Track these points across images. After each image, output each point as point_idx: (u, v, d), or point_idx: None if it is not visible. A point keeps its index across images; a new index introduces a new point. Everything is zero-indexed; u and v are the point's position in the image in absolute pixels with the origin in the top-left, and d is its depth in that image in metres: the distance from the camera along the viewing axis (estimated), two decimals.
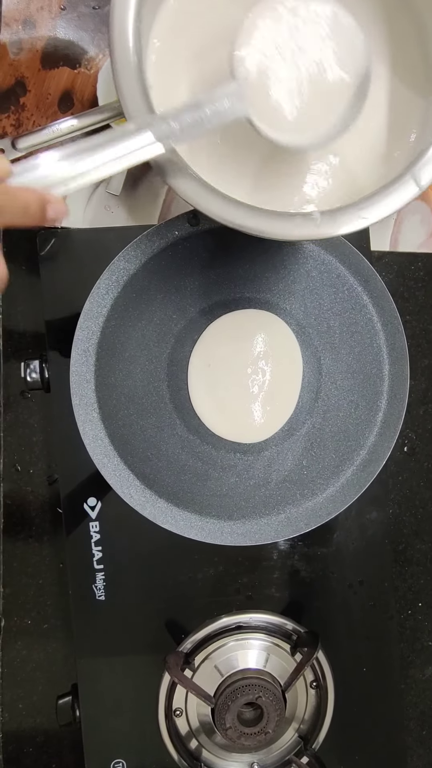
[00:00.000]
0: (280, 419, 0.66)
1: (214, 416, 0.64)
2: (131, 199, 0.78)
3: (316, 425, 0.66)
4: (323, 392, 0.66)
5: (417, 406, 0.80)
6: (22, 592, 0.76)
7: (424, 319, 0.81)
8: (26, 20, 0.78)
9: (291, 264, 0.65)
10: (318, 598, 0.73)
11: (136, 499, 0.62)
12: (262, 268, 0.65)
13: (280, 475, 0.66)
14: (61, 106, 0.78)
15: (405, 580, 0.80)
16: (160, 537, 0.63)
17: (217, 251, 0.64)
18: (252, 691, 0.65)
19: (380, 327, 0.64)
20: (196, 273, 0.64)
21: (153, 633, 0.71)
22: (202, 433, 0.65)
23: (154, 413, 0.64)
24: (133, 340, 0.63)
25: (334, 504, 0.64)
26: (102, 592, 0.69)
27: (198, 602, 0.71)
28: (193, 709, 0.69)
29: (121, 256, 0.61)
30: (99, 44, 0.78)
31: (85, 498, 0.69)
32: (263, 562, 0.72)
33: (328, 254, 0.64)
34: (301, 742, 0.70)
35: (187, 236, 0.63)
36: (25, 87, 0.77)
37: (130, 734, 0.70)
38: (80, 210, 0.77)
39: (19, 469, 0.76)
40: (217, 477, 0.65)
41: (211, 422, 0.64)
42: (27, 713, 0.76)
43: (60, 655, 0.76)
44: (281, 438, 0.66)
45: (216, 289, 0.65)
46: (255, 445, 0.66)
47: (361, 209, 0.52)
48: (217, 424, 0.64)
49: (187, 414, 0.65)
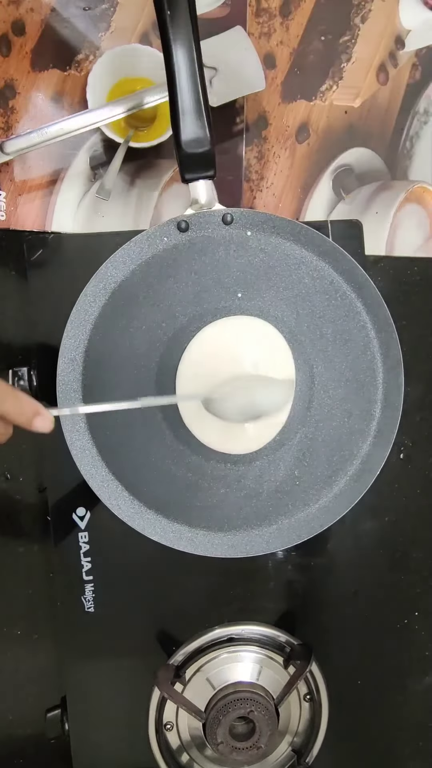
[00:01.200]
0: (271, 429, 0.64)
1: (204, 426, 0.63)
2: (122, 204, 0.77)
3: (308, 435, 0.64)
4: (316, 401, 0.64)
5: (413, 412, 0.79)
6: (12, 602, 0.75)
7: (420, 325, 0.80)
8: (16, 22, 0.77)
9: (283, 270, 0.63)
10: (312, 609, 0.72)
11: (125, 510, 0.61)
12: (252, 274, 0.63)
13: (271, 485, 0.64)
14: (51, 108, 0.77)
15: (401, 589, 0.78)
16: (151, 548, 0.62)
17: (207, 257, 0.63)
18: (244, 705, 0.64)
19: (374, 334, 0.63)
20: (186, 279, 0.63)
21: (143, 645, 0.70)
22: (192, 443, 0.63)
23: (142, 423, 0.63)
24: (121, 348, 0.62)
25: (327, 515, 0.63)
26: (91, 603, 0.68)
27: (189, 614, 0.70)
28: (184, 722, 0.68)
29: (109, 263, 0.60)
30: (89, 46, 0.77)
31: (74, 508, 0.68)
32: (256, 572, 0.71)
33: (321, 260, 0.63)
34: (295, 756, 0.69)
35: (176, 242, 0.61)
36: (15, 89, 0.76)
37: (120, 748, 0.69)
38: (71, 214, 0.76)
39: (8, 477, 0.75)
40: (207, 488, 0.64)
41: (200, 432, 0.63)
42: (17, 725, 0.75)
43: (50, 666, 0.75)
44: (273, 448, 0.64)
45: (206, 296, 0.63)
46: (246, 455, 0.65)
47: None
48: (206, 435, 0.63)
49: (176, 424, 0.63)
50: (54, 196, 0.76)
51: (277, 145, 0.79)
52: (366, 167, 0.81)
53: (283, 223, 0.62)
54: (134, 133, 0.74)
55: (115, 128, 0.73)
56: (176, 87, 0.53)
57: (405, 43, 0.81)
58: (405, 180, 0.81)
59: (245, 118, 0.79)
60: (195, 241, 0.62)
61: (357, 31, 0.80)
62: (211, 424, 0.63)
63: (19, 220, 0.75)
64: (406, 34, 0.81)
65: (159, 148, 0.75)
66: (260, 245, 0.62)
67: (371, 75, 0.81)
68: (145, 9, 0.77)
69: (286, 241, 0.62)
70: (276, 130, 0.79)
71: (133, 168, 0.77)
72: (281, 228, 0.62)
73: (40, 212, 0.76)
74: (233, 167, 0.78)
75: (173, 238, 0.61)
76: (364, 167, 0.81)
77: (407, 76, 0.81)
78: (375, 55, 0.81)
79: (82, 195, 0.77)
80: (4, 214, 0.75)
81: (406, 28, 0.81)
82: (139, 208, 0.78)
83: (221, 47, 0.72)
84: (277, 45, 0.79)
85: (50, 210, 0.76)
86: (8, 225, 0.75)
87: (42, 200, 0.76)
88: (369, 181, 0.81)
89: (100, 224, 0.77)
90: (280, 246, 0.63)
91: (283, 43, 0.79)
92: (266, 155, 0.79)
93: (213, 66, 0.72)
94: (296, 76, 0.79)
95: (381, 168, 0.81)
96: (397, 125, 0.81)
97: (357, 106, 0.80)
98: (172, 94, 0.54)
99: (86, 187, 0.77)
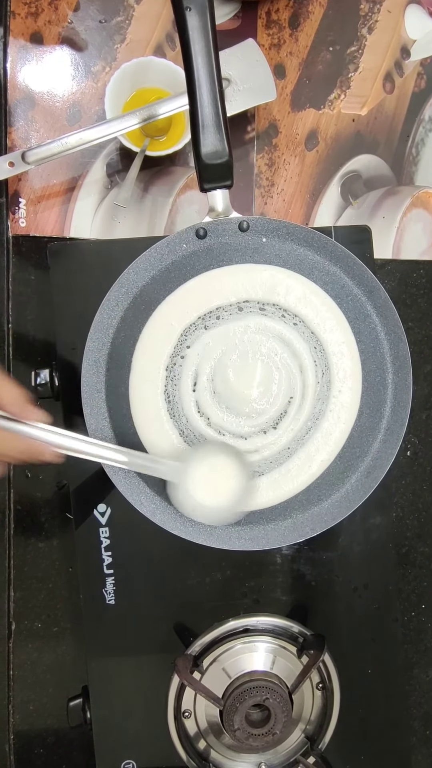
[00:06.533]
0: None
1: (222, 416, 0.65)
2: (137, 211, 0.80)
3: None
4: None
5: (420, 411, 0.81)
6: (33, 596, 0.77)
7: (426, 326, 0.82)
8: (34, 33, 0.79)
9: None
10: (323, 601, 0.74)
11: (146, 506, 0.63)
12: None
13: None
14: (70, 119, 0.79)
15: (408, 582, 0.81)
16: (169, 542, 0.64)
17: (224, 263, 0.65)
18: (260, 693, 0.66)
19: (384, 336, 0.65)
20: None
21: (162, 636, 0.72)
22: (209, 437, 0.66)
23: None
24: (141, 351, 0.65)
25: (339, 509, 0.65)
26: (112, 596, 0.71)
27: (206, 606, 0.72)
28: (201, 710, 0.70)
29: (131, 269, 0.63)
30: (106, 57, 0.79)
31: (95, 504, 0.71)
32: (270, 566, 0.74)
33: (333, 265, 0.65)
34: (308, 743, 0.71)
35: (195, 248, 0.64)
36: (34, 100, 0.79)
37: (139, 735, 0.71)
38: (88, 220, 0.79)
39: (29, 475, 0.77)
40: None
41: (218, 421, 0.66)
42: (38, 715, 0.78)
43: (69, 658, 0.78)
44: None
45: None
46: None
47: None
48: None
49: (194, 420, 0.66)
50: (72, 203, 0.79)
51: (287, 153, 0.82)
52: (373, 173, 0.83)
53: (296, 230, 0.64)
54: (150, 142, 0.76)
55: (131, 137, 0.76)
56: (197, 102, 0.56)
57: (410, 52, 0.83)
58: (411, 185, 0.83)
59: (256, 126, 0.81)
60: (213, 247, 0.64)
61: (364, 41, 0.83)
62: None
63: (38, 227, 0.78)
64: (411, 44, 0.83)
65: (173, 156, 0.78)
66: (275, 251, 0.65)
67: (378, 84, 0.83)
68: (160, 21, 0.80)
69: (299, 247, 0.65)
70: (286, 137, 0.82)
71: (148, 175, 0.80)
72: (295, 234, 0.64)
73: (59, 219, 0.78)
74: (245, 174, 0.81)
75: (192, 245, 0.64)
76: (371, 173, 0.83)
77: (413, 84, 0.84)
78: (381, 65, 0.83)
79: (99, 201, 0.79)
80: (24, 221, 0.78)
81: (411, 39, 0.84)
82: (154, 214, 0.80)
83: (234, 59, 0.75)
84: (286, 56, 0.82)
85: (68, 216, 0.78)
86: (28, 231, 0.78)
87: (60, 207, 0.78)
88: (376, 186, 0.83)
89: (116, 230, 0.79)
90: (294, 251, 0.65)
91: (292, 54, 0.82)
92: (276, 162, 0.81)
93: (226, 77, 0.74)
94: (305, 86, 0.82)
95: (387, 174, 0.83)
96: (403, 132, 0.83)
97: (364, 115, 0.83)
98: (193, 109, 0.57)
99: (103, 194, 0.79)
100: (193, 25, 0.53)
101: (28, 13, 0.79)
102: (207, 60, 0.54)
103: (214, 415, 0.64)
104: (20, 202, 0.78)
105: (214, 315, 0.65)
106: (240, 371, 0.65)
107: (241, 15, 0.81)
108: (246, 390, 0.64)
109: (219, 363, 0.65)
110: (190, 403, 0.65)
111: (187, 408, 0.65)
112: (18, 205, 0.78)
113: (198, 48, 0.54)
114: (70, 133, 0.72)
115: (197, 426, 0.65)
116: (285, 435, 0.65)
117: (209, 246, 0.64)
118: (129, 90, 0.76)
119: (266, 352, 0.65)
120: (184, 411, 0.65)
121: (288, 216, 0.81)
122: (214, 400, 0.64)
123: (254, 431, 0.65)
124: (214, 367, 0.65)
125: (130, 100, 0.77)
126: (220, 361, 0.65)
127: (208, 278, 0.65)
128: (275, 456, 0.65)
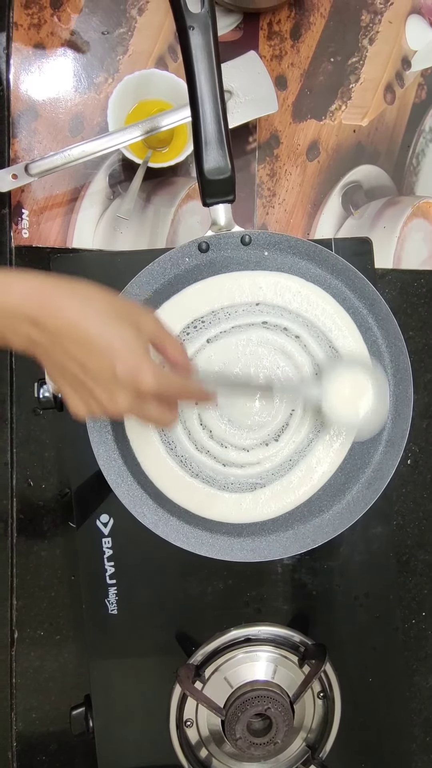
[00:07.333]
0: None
1: (224, 428, 0.66)
2: (139, 221, 0.80)
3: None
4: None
5: (420, 420, 0.82)
6: (35, 605, 0.78)
7: (426, 335, 0.83)
8: (37, 45, 0.79)
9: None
10: (324, 610, 0.75)
11: (149, 517, 0.63)
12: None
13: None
14: (72, 130, 0.79)
15: (409, 590, 0.81)
16: (171, 552, 0.64)
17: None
18: (261, 703, 0.67)
19: (385, 349, 0.66)
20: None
21: (164, 646, 0.72)
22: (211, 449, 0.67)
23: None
24: None
25: (341, 521, 0.65)
26: (114, 606, 0.71)
27: (208, 616, 0.73)
28: (203, 719, 0.70)
29: (134, 282, 0.63)
30: (108, 69, 0.80)
31: (98, 515, 0.71)
32: (271, 576, 0.74)
33: (335, 278, 0.65)
34: (309, 751, 0.71)
35: (198, 262, 0.64)
36: (37, 112, 0.79)
37: (141, 744, 0.72)
38: (90, 231, 0.79)
39: (31, 484, 0.78)
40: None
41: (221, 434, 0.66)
42: (40, 722, 0.78)
43: (72, 666, 0.78)
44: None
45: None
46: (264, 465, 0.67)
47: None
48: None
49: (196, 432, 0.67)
50: (74, 214, 0.79)
51: (289, 163, 0.82)
52: (374, 184, 0.84)
53: (298, 244, 0.65)
54: (152, 153, 0.77)
55: (133, 149, 0.76)
56: (200, 119, 0.56)
57: (411, 63, 0.84)
58: (412, 195, 0.84)
59: (258, 137, 0.82)
60: (215, 261, 0.64)
61: (365, 52, 0.83)
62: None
63: (41, 237, 0.78)
64: (412, 55, 0.84)
65: (175, 167, 0.78)
66: (277, 264, 0.65)
67: (379, 95, 0.83)
68: (162, 33, 0.80)
69: (301, 260, 0.65)
70: (287, 148, 0.82)
71: (150, 186, 0.80)
72: (297, 248, 0.65)
73: (61, 229, 0.79)
74: (246, 184, 0.81)
75: (194, 259, 0.64)
76: (372, 184, 0.84)
77: (413, 95, 0.84)
78: (382, 76, 0.83)
79: (102, 212, 0.79)
80: (27, 231, 0.78)
81: (412, 49, 0.84)
82: (156, 224, 0.80)
83: (236, 71, 0.75)
84: (288, 67, 0.82)
85: (71, 227, 0.79)
86: (31, 242, 0.78)
87: (63, 218, 0.79)
88: (377, 197, 0.83)
89: (118, 240, 0.80)
90: (296, 264, 0.65)
91: (293, 65, 0.82)
92: (278, 173, 0.82)
93: (228, 90, 0.75)
94: (307, 97, 0.82)
95: (388, 184, 0.84)
96: (403, 143, 0.84)
97: (365, 125, 0.83)
98: (196, 125, 0.57)
99: (105, 204, 0.80)
100: (197, 44, 0.54)
101: (31, 24, 0.79)
102: (210, 78, 0.55)
103: (216, 427, 0.65)
104: (23, 212, 0.78)
105: (218, 328, 0.66)
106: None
107: (243, 26, 0.81)
108: (248, 403, 0.65)
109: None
110: (193, 416, 0.65)
111: (190, 420, 0.65)
112: (21, 215, 0.78)
113: (201, 67, 0.54)
114: (73, 146, 0.72)
115: (199, 438, 0.65)
116: (287, 447, 0.65)
117: (212, 260, 0.64)
118: (131, 102, 0.77)
119: (268, 365, 0.65)
120: (187, 423, 0.65)
121: (289, 226, 0.82)
122: (217, 412, 0.65)
123: (256, 443, 0.65)
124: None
125: (132, 112, 0.77)
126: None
127: (208, 283, 0.66)
128: (277, 468, 0.66)
